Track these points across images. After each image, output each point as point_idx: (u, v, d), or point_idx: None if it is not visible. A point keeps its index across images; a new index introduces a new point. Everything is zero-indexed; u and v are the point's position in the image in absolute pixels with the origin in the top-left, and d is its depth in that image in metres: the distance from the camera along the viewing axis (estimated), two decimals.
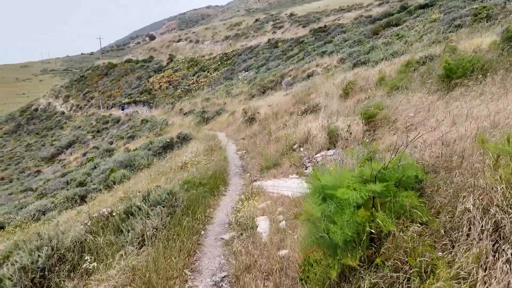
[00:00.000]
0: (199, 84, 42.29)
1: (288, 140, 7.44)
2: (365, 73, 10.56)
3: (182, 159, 9.05)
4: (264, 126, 10.81)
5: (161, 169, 9.71)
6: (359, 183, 2.50)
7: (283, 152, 7.26)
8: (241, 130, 13.32)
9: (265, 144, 8.81)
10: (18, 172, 40.40)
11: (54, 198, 13.75)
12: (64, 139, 45.16)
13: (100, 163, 17.41)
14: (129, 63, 70.26)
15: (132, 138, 27.54)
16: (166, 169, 9.30)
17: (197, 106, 28.90)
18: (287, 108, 11.10)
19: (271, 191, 5.50)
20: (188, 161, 8.46)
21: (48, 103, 72.66)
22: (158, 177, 8.80)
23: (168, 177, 7.99)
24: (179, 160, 9.36)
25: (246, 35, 56.90)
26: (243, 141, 10.93)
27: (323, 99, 9.78)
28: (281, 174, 6.43)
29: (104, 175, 14.10)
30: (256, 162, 7.88)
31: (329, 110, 8.36)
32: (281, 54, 30.54)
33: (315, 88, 11.69)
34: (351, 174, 2.62)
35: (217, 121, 18.89)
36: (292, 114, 10.14)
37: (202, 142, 12.16)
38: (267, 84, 23.05)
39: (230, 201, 5.90)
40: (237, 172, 7.76)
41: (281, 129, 8.96)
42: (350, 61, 17.74)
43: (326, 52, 22.43)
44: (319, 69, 19.84)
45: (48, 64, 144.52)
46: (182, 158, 9.17)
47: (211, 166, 7.63)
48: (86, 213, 8.97)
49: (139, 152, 14.72)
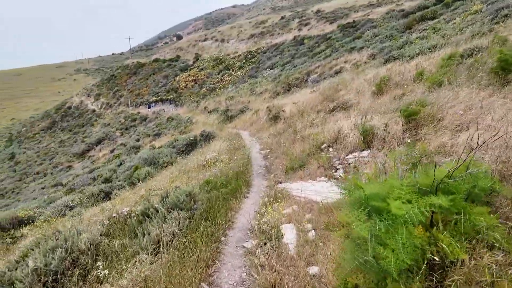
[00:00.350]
0: (224, 82, 42.34)
1: (316, 140, 6.93)
2: (400, 68, 9.77)
3: (204, 157, 8.78)
4: (289, 124, 10.31)
5: (183, 167, 9.52)
6: (413, 194, 2.00)
7: (310, 152, 6.75)
8: (265, 129, 12.90)
9: (290, 143, 8.33)
10: (51, 167, 42.47)
11: (81, 194, 14.05)
12: (94, 136, 46.90)
13: (125, 160, 17.69)
14: (156, 62, 71.98)
15: (158, 135, 27.95)
16: (188, 167, 9.08)
17: (221, 104, 28.82)
18: (314, 106, 10.54)
19: (298, 195, 5.05)
20: (210, 160, 8.16)
21: (80, 101, 76.00)
22: (180, 175, 8.59)
23: (190, 176, 7.74)
24: (201, 159, 9.11)
25: (272, 32, 56.34)
26: (267, 140, 10.50)
27: (353, 96, 9.14)
28: (308, 176, 5.95)
29: (129, 172, 14.22)
30: (281, 163, 7.43)
31: (361, 107, 7.74)
32: (307, 51, 29.75)
33: (344, 85, 11.02)
34: (401, 183, 2.12)
35: (241, 120, 18.59)
36: (320, 112, 9.57)
37: (225, 140, 11.88)
38: (292, 81, 22.47)
39: (253, 204, 5.50)
40: (260, 172, 7.35)
41: (307, 128, 8.44)
42: (381, 56, 16.79)
43: (355, 48, 21.49)
44: (347, 66, 19.00)
45: (81, 64, 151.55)
46: (204, 157, 8.90)
47: (233, 165, 7.27)
48: (109, 210, 8.94)
49: (164, 150, 14.72)
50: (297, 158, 6.86)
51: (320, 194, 4.72)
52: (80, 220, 8.87)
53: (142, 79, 66.31)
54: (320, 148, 6.72)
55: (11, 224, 11.35)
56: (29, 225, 11.06)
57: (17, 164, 51.74)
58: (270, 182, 6.35)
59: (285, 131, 9.96)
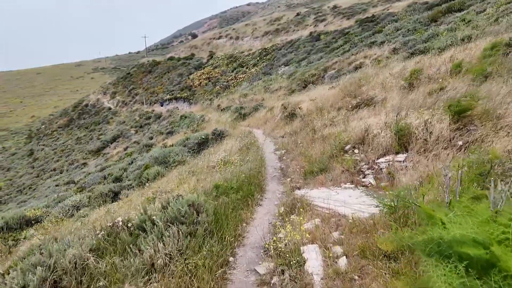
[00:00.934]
0: (238, 80, 41.73)
1: (338, 140, 6.13)
2: (431, 60, 8.81)
3: (215, 158, 8.12)
4: (307, 122, 9.52)
5: (193, 168, 8.90)
6: None
7: (332, 154, 5.97)
8: (280, 127, 12.15)
9: (308, 143, 7.56)
10: (68, 164, 43.06)
11: (91, 193, 13.73)
12: (109, 134, 47.26)
13: (137, 158, 17.32)
14: (171, 60, 72.19)
15: (171, 133, 27.62)
16: (198, 168, 8.46)
17: (235, 102, 28.21)
18: (333, 103, 9.70)
19: (320, 205, 4.29)
20: (220, 161, 7.50)
21: (97, 99, 77.16)
22: (188, 177, 7.97)
23: (198, 178, 7.10)
24: (212, 159, 8.46)
25: (287, 29, 55.32)
26: (282, 139, 9.75)
27: (379, 92, 8.26)
28: (331, 181, 5.18)
29: (139, 171, 13.79)
30: (298, 165, 6.67)
31: (389, 104, 6.88)
32: (323, 47, 28.69)
33: (367, 80, 10.13)
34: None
35: (254, 118, 17.88)
36: (341, 109, 8.74)
37: (237, 139, 11.20)
38: (309, 78, 21.57)
39: (267, 213, 4.79)
40: (275, 176, 6.61)
41: (327, 127, 7.63)
42: (405, 50, 15.71)
43: (376, 43, 20.38)
44: (367, 61, 17.97)
45: (99, 62, 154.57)
46: (215, 157, 8.24)
47: (245, 168, 6.57)
48: (114, 213, 8.42)
49: (174, 149, 14.21)
50: (317, 160, 6.09)
51: (347, 205, 3.95)
52: (83, 224, 8.41)
53: (157, 77, 66.64)
54: (344, 149, 5.92)
55: (18, 224, 11.08)
56: (36, 225, 10.74)
57: (35, 160, 52.93)
58: (287, 188, 5.62)
59: (302, 130, 9.18)
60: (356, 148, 5.63)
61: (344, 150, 5.89)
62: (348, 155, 5.67)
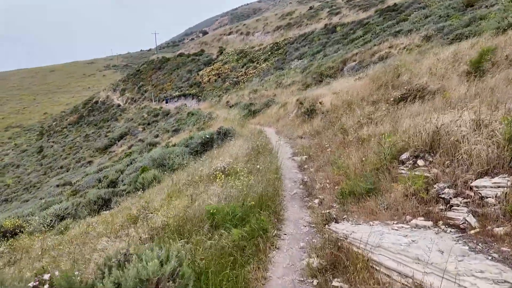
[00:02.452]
0: (248, 76, 39.88)
1: (388, 145, 4.26)
2: (494, 41, 6.81)
3: (216, 164, 6.35)
4: (331, 120, 7.65)
5: (190, 176, 7.16)
6: None
7: (379, 165, 4.11)
8: (296, 126, 10.30)
9: (338, 147, 5.70)
10: (74, 162, 42.17)
11: (82, 198, 12.21)
12: (117, 131, 46.19)
13: (136, 159, 15.76)
14: (181, 57, 71.01)
15: (177, 131, 26.08)
16: (196, 176, 6.71)
17: (244, 98, 26.45)
18: (365, 96, 7.81)
19: (386, 265, 2.46)
20: (222, 170, 5.72)
21: (107, 96, 76.68)
22: (182, 190, 6.24)
23: (192, 194, 5.34)
24: (213, 165, 6.69)
25: (299, 24, 53.07)
26: (301, 141, 7.89)
27: (429, 80, 6.32)
28: (387, 211, 3.33)
29: (136, 174, 12.19)
30: (328, 179, 4.83)
31: (455, 94, 4.96)
32: (340, 38, 26.56)
33: (406, 67, 8.17)
34: None
35: (266, 114, 16.07)
36: (377, 102, 6.85)
37: (246, 140, 9.42)
38: (325, 71, 19.59)
39: (289, 267, 2.97)
40: (296, 193, 4.78)
41: (364, 126, 5.76)
42: (440, 37, 13.62)
43: (402, 31, 18.25)
44: (394, 51, 15.91)
45: (110, 60, 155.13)
46: (216, 163, 6.47)
47: (255, 181, 4.77)
48: (90, 232, 6.77)
49: (175, 149, 12.54)
50: (358, 174, 4.24)
51: (437, 270, 2.12)
52: (58, 243, 6.80)
53: (166, 73, 65.49)
54: (398, 159, 4.06)
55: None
56: (12, 239, 9.23)
57: (44, 157, 52.42)
58: (316, 216, 3.80)
59: (326, 129, 7.32)
60: (421, 159, 3.75)
61: (400, 160, 4.03)
62: (406, 169, 3.80)
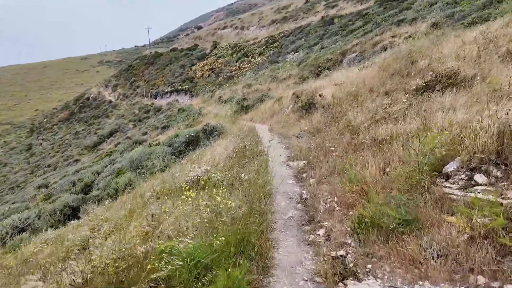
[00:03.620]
0: (242, 70, 38.36)
1: (427, 149, 2.92)
2: None
3: (190, 172, 5.00)
4: (334, 116, 6.33)
5: (162, 184, 5.81)
6: None
7: (414, 180, 2.78)
8: (292, 122, 8.96)
9: (346, 150, 4.38)
10: (62, 160, 40.47)
11: (52, 204, 10.81)
12: (107, 128, 44.50)
13: (117, 159, 14.33)
14: (174, 52, 69.20)
15: (166, 128, 24.65)
16: (167, 187, 5.37)
17: (238, 93, 25.03)
18: (374, 86, 6.49)
19: None
20: (194, 181, 4.38)
21: (98, 92, 74.70)
22: (148, 204, 4.90)
23: (153, 215, 3.99)
24: (189, 172, 5.33)
25: (295, 17, 51.46)
26: (297, 140, 6.55)
27: (459, 63, 5.01)
28: (440, 261, 1.99)
29: (111, 177, 10.82)
30: (335, 194, 3.49)
31: (503, 81, 3.64)
32: (338, 30, 25.18)
33: (421, 53, 6.86)
34: None
35: (259, 110, 14.72)
36: (392, 93, 5.54)
37: (234, 139, 8.07)
38: (323, 63, 18.26)
39: None
40: (292, 217, 3.43)
41: (380, 122, 4.44)
42: (450, 23, 12.35)
43: (405, 20, 16.98)
44: (398, 40, 14.62)
45: (104, 56, 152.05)
46: (192, 171, 5.13)
47: (235, 198, 3.44)
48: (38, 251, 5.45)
49: (157, 149, 11.18)
50: (381, 192, 2.91)
51: None
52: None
53: (159, 69, 63.72)
54: (440, 170, 2.73)
55: None
56: None
57: (32, 156, 50.58)
58: (322, 263, 2.46)
59: (328, 127, 5.99)
60: (480, 172, 2.43)
61: (443, 173, 2.71)
62: (456, 187, 2.49)
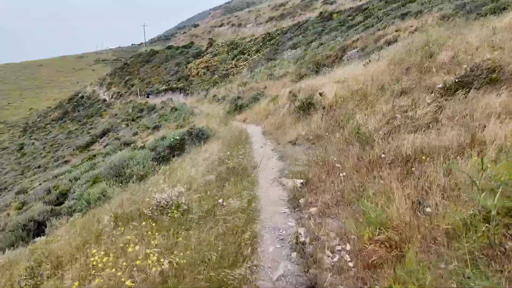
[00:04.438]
0: (238, 68, 37.18)
1: (492, 178, 1.81)
2: None
3: (156, 195, 3.89)
4: (339, 119, 5.23)
5: (126, 204, 4.69)
6: None
7: (480, 239, 1.66)
8: (288, 125, 7.85)
9: (357, 168, 3.27)
10: (53, 161, 39.16)
11: (21, 216, 9.68)
12: (100, 128, 43.20)
13: (98, 163, 13.18)
14: (169, 49, 67.86)
15: (157, 128, 23.50)
16: (128, 211, 4.24)
17: (233, 91, 23.91)
18: (386, 83, 5.40)
19: None
20: (158, 210, 3.27)
21: (93, 90, 73.32)
22: (104, 235, 3.80)
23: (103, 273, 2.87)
24: (155, 194, 4.21)
25: (293, 14, 50.29)
26: (293, 148, 5.44)
27: (496, 55, 3.91)
28: None
29: (87, 186, 9.70)
30: (348, 240, 2.37)
31: None
32: (337, 26, 24.07)
33: (439, 44, 5.77)
34: None
35: (253, 110, 13.61)
36: (409, 92, 4.45)
37: (221, 145, 6.94)
38: (322, 60, 17.16)
39: None
40: (283, 275, 2.37)
41: (401, 131, 3.34)
42: (462, 15, 11.30)
43: (409, 14, 15.92)
44: (403, 34, 13.55)
45: (101, 54, 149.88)
46: (158, 192, 4.02)
47: (203, 247, 2.33)
48: None
49: (138, 154, 10.06)
50: (428, 251, 1.79)
51: None
52: None
53: (154, 67, 62.39)
54: None
55: None
56: None
57: (23, 156, 49.18)
58: None
59: (331, 133, 4.90)
60: None
61: None
62: None
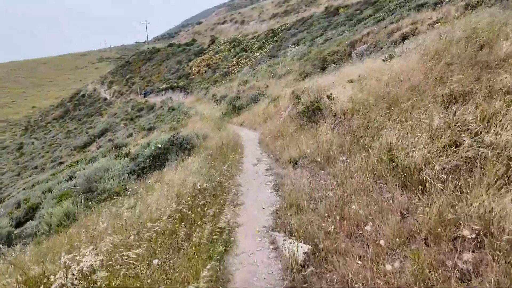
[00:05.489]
0: (240, 66, 35.71)
1: None
2: None
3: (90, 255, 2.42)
4: (357, 133, 3.78)
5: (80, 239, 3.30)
6: None
7: None
8: (290, 134, 6.38)
9: (403, 235, 1.85)
10: (50, 161, 38.11)
11: None
12: (98, 127, 42.04)
13: (77, 173, 11.85)
14: (171, 47, 66.53)
15: (152, 130, 22.20)
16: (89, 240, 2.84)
17: (233, 90, 22.47)
18: (421, 83, 3.94)
19: None
20: None
21: (94, 89, 72.28)
22: None
23: None
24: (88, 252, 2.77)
25: (297, 10, 48.65)
26: (294, 174, 4.00)
27: None
28: None
29: (54, 202, 8.38)
30: None
31: None
32: (345, 20, 22.49)
33: (492, 31, 4.31)
34: None
35: (252, 112, 12.17)
36: (466, 96, 3.01)
37: (207, 159, 5.52)
38: (329, 57, 15.63)
39: None
40: None
41: (480, 171, 1.92)
42: (493, 3, 9.76)
43: (426, 5, 14.32)
44: (422, 27, 12.01)
45: (104, 52, 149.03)
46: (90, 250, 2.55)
47: None
48: None
49: (114, 164, 8.71)
50: None
51: None
52: None
53: (155, 65, 61.12)
54: None
55: None
56: None
57: (22, 156, 48.29)
58: None
59: (348, 155, 3.44)
60: None
61: None
62: None
